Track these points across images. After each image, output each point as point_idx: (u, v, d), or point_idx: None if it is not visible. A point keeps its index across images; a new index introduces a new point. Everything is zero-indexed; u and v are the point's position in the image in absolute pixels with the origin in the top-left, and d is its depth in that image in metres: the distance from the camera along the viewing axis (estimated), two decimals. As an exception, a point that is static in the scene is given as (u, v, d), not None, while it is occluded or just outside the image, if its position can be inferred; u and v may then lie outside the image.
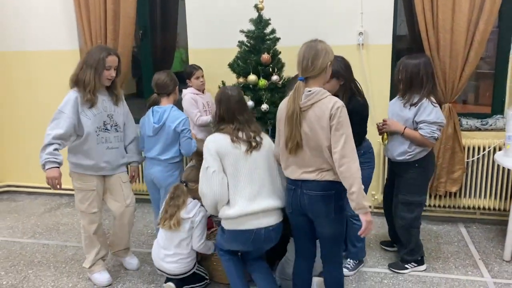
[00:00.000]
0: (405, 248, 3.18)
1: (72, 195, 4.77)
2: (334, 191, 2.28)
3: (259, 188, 2.45)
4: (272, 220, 2.47)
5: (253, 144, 2.47)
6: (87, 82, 2.78)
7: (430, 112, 2.87)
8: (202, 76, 3.84)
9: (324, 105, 2.21)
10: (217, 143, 2.46)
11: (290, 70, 3.38)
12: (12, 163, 4.94)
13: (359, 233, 2.24)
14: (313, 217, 2.36)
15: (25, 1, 4.53)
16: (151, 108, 3.17)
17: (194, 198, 2.85)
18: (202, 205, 2.76)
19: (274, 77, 3.43)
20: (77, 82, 2.81)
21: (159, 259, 2.85)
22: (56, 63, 4.55)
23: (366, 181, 2.33)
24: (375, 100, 3.83)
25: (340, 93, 2.85)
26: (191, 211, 2.81)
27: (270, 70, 3.47)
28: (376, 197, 4.05)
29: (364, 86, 3.84)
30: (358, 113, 2.80)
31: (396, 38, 3.95)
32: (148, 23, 4.58)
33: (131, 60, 4.37)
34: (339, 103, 2.21)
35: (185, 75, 3.82)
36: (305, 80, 2.28)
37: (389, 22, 3.84)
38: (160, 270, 2.89)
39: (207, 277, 3.01)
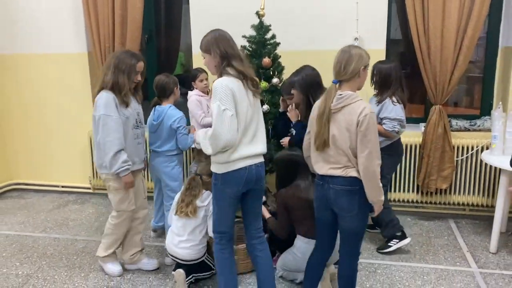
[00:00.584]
0: (381, 225, 3.48)
1: (79, 193, 5.03)
2: (359, 187, 2.39)
3: (253, 135, 2.54)
4: (258, 159, 2.58)
5: (254, 89, 2.51)
6: (122, 85, 2.96)
7: (391, 110, 3.27)
8: (206, 79, 4.04)
9: (353, 110, 2.33)
10: (233, 88, 2.40)
11: (290, 73, 3.57)
12: (21, 161, 5.13)
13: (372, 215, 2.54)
14: (338, 211, 2.49)
15: (35, 5, 4.71)
16: (154, 107, 3.50)
17: (206, 190, 3.10)
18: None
19: (275, 80, 3.64)
20: (111, 85, 2.96)
21: (173, 245, 3.07)
22: (65, 65, 4.75)
23: None
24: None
25: (304, 105, 3.20)
26: (205, 200, 3.06)
27: (271, 73, 3.69)
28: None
29: (359, 89, 4.09)
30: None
31: (389, 43, 4.16)
32: (153, 28, 4.80)
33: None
34: (367, 109, 2.32)
35: (190, 78, 4.02)
36: (339, 83, 2.42)
37: (383, 28, 4.06)
38: (173, 256, 3.10)
39: (213, 267, 3.20)
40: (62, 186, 5.05)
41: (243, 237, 3.58)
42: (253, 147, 2.54)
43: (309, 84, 3.19)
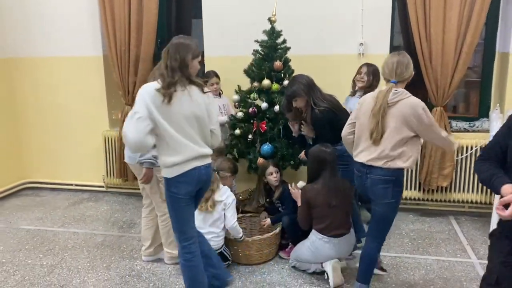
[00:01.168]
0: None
1: (93, 191, 5.19)
2: (395, 178, 2.68)
3: (192, 138, 2.62)
4: (206, 160, 2.69)
5: (170, 94, 2.53)
6: None
7: None
8: (217, 83, 4.22)
9: (409, 103, 2.65)
10: (151, 94, 2.52)
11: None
12: (36, 161, 5.29)
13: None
14: (373, 198, 2.77)
15: (52, 9, 4.90)
16: None
17: (224, 185, 3.30)
18: (231, 190, 3.26)
19: (286, 82, 3.84)
20: None
21: None
22: (80, 67, 4.93)
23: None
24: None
25: (308, 108, 3.41)
26: (223, 195, 3.27)
27: (282, 75, 3.90)
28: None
29: (363, 92, 4.31)
30: (318, 123, 3.35)
31: (392, 48, 4.38)
32: (165, 33, 5.01)
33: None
34: (421, 103, 2.67)
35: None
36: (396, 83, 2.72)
37: (387, 34, 4.29)
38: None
39: (230, 258, 3.40)
40: (76, 185, 5.22)
41: (256, 230, 3.80)
42: (198, 148, 2.64)
43: (309, 87, 3.40)
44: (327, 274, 3.19)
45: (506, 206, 1.83)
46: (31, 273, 3.38)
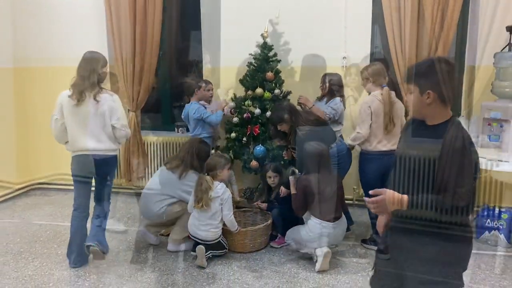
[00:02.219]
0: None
1: (98, 191, 5.51)
2: None
3: (92, 132, 3.40)
4: (96, 151, 3.44)
5: (81, 99, 3.35)
6: (197, 169, 3.92)
7: (336, 103, 4.12)
8: (212, 89, 4.66)
9: (399, 102, 3.82)
10: (63, 100, 3.45)
11: (289, 85, 4.25)
12: (44, 163, 5.67)
13: None
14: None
15: (62, 23, 5.32)
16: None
17: (221, 180, 3.70)
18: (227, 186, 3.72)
19: (276, 91, 4.31)
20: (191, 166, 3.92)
21: (195, 227, 3.68)
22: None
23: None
24: (356, 112, 4.69)
25: (292, 131, 3.89)
26: (219, 191, 3.66)
27: (273, 85, 4.35)
28: (357, 190, 4.90)
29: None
30: (302, 143, 3.76)
31: (373, 61, 4.84)
32: (166, 45, 5.45)
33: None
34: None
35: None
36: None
37: (367, 48, 4.75)
38: (194, 237, 3.69)
39: (226, 247, 3.81)
40: (82, 185, 5.59)
41: (249, 223, 4.20)
42: (90, 141, 3.42)
43: (292, 113, 3.90)
44: (316, 257, 3.57)
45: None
46: (48, 260, 3.77)
